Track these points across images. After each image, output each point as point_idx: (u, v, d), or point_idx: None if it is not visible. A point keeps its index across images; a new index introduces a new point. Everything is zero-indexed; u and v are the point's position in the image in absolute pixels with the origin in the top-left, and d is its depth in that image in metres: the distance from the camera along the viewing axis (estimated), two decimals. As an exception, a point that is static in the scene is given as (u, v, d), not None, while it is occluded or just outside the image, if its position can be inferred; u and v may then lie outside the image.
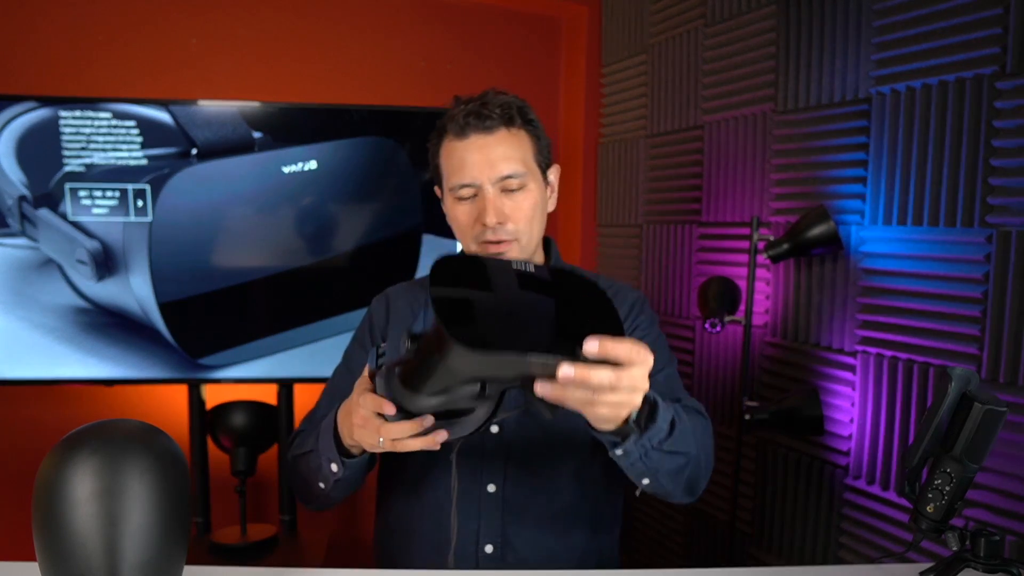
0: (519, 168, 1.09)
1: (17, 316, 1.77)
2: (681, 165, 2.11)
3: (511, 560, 1.11)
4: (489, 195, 1.08)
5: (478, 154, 1.08)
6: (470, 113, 1.08)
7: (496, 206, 1.08)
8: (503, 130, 1.09)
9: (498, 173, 1.08)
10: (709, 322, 1.73)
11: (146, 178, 1.74)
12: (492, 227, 1.07)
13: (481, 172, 1.08)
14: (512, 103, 1.10)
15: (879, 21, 1.50)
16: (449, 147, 1.11)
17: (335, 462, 1.00)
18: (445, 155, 1.12)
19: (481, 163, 1.07)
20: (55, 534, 0.72)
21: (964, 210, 1.35)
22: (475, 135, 1.08)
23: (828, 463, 1.65)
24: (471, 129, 1.08)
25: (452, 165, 1.10)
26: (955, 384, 0.98)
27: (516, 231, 1.10)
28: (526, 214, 1.10)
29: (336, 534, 2.38)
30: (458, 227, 1.14)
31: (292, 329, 1.88)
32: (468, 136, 1.08)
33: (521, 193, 1.10)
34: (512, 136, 1.10)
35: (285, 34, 2.16)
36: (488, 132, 1.08)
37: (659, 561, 2.25)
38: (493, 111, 1.08)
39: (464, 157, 1.08)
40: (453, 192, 1.11)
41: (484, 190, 1.08)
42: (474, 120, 1.07)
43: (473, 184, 1.08)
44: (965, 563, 0.99)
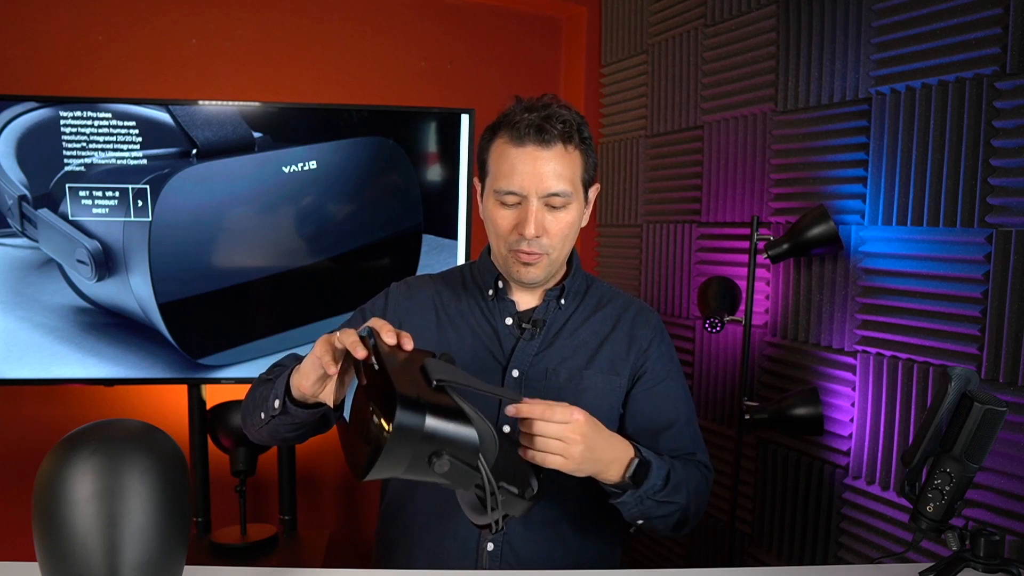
0: (567, 188, 1.09)
1: (17, 316, 1.77)
2: (681, 165, 2.11)
3: (510, 559, 1.12)
4: (533, 207, 1.08)
5: (531, 166, 1.07)
6: (532, 125, 1.07)
7: (538, 219, 1.08)
8: (560, 146, 1.08)
9: (547, 189, 1.08)
10: (709, 322, 1.73)
11: (146, 178, 1.74)
12: (530, 238, 1.09)
13: (531, 184, 1.08)
14: (573, 120, 1.10)
15: (879, 21, 1.50)
16: (503, 149, 1.10)
17: (279, 398, 1.02)
18: (497, 155, 1.12)
19: (532, 176, 1.07)
20: (55, 534, 0.72)
21: (964, 210, 1.35)
22: (532, 146, 1.07)
23: (828, 463, 1.65)
24: (529, 140, 1.07)
25: (502, 169, 1.10)
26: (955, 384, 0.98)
27: (549, 247, 1.11)
28: (562, 231, 1.11)
29: (336, 534, 2.39)
30: (494, 229, 1.14)
31: (292, 329, 1.88)
32: (525, 145, 1.08)
33: (563, 211, 1.11)
34: (567, 154, 1.09)
35: (285, 34, 2.16)
36: (545, 146, 1.07)
37: (659, 561, 2.25)
38: (555, 126, 1.07)
39: (516, 165, 1.08)
40: (498, 195, 1.11)
41: (529, 202, 1.08)
42: (535, 132, 1.07)
43: (520, 194, 1.09)
44: (965, 563, 0.99)
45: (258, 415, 1.08)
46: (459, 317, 1.20)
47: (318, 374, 0.94)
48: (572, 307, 1.21)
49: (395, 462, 0.75)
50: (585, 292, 1.24)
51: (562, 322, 1.19)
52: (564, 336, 1.18)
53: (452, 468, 0.76)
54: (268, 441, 1.14)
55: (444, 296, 1.23)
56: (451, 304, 1.21)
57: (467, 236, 1.93)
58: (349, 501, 2.43)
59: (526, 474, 0.92)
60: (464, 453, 0.77)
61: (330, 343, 0.91)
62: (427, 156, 1.90)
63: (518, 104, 1.11)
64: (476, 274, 1.24)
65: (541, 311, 1.19)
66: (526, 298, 1.20)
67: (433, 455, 0.75)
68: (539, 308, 1.19)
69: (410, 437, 0.74)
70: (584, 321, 1.20)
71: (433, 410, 0.76)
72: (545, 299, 1.19)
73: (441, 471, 0.76)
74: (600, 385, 1.16)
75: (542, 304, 1.19)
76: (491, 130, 1.14)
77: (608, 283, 1.31)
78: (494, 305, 1.19)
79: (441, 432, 0.75)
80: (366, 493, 2.43)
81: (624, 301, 1.26)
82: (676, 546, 2.17)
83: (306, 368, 0.96)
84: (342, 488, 2.42)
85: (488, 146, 1.14)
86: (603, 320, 1.21)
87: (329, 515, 2.42)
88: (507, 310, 1.19)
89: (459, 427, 0.77)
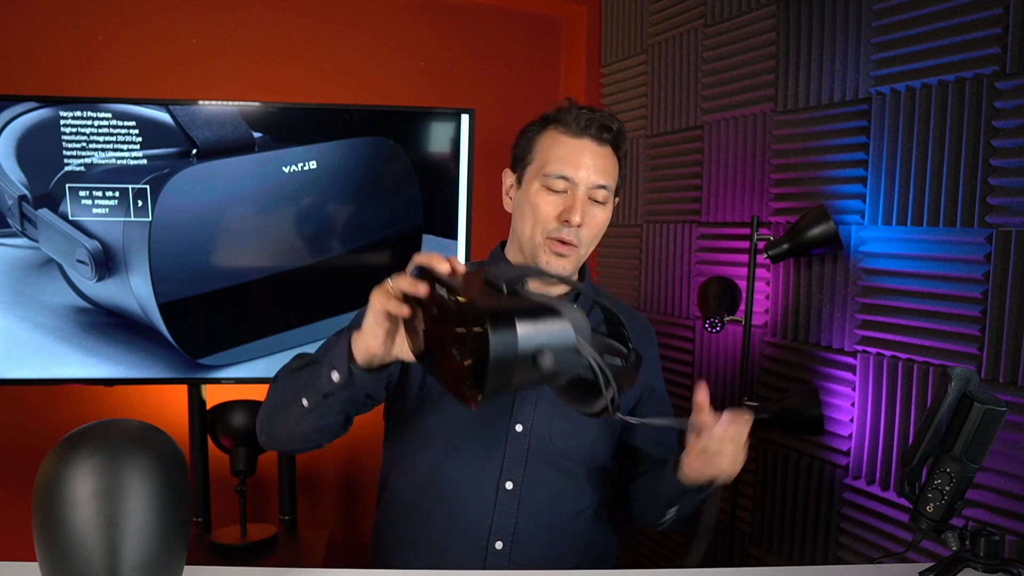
0: (611, 183, 1.16)
1: (17, 316, 1.77)
2: (681, 165, 2.11)
3: (518, 558, 1.12)
4: (580, 195, 1.13)
5: (588, 157, 1.13)
6: (594, 121, 1.14)
7: (584, 207, 1.12)
8: (610, 149, 1.16)
9: (595, 181, 1.13)
10: (709, 322, 1.73)
11: (146, 178, 1.74)
12: (575, 225, 1.12)
13: (587, 174, 1.13)
14: (623, 130, 1.18)
15: (879, 21, 1.50)
16: (556, 138, 1.15)
17: (339, 369, 0.95)
18: (548, 143, 1.15)
19: (587, 166, 1.13)
20: (55, 534, 0.72)
21: (964, 210, 1.35)
22: (588, 140, 1.14)
23: (828, 463, 1.65)
24: (587, 135, 1.14)
25: (555, 155, 1.14)
26: (955, 384, 0.98)
27: (584, 239, 1.14)
28: (598, 226, 1.16)
29: (336, 534, 2.39)
30: (535, 214, 1.14)
31: (292, 329, 1.88)
32: (582, 138, 1.14)
33: (601, 207, 1.16)
34: (612, 158, 1.17)
35: (285, 34, 2.16)
36: (601, 144, 1.15)
37: (659, 561, 2.25)
38: (613, 127, 1.15)
39: (570, 154, 1.13)
40: (547, 179, 1.13)
41: (577, 189, 1.13)
42: (596, 129, 1.13)
43: (571, 180, 1.13)
44: (965, 563, 0.99)
45: (298, 404, 1.00)
46: None
47: (385, 327, 0.90)
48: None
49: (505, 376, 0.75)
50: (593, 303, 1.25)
51: None
52: None
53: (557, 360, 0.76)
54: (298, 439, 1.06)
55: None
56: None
57: (467, 236, 1.93)
58: (349, 501, 2.43)
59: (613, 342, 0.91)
60: (563, 343, 0.77)
61: (386, 292, 0.88)
62: (427, 156, 1.90)
63: (573, 104, 1.17)
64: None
65: None
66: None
67: (536, 355, 0.75)
68: None
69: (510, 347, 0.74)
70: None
71: (520, 314, 0.75)
72: None
73: (548, 366, 0.75)
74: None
75: None
76: (541, 122, 1.18)
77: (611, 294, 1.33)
78: None
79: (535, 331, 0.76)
80: (366, 493, 2.43)
81: (630, 314, 1.29)
82: (676, 546, 2.17)
83: (370, 326, 0.90)
84: (342, 488, 2.42)
85: (536, 136, 1.17)
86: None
87: (329, 515, 2.41)
88: None
89: (549, 320, 0.77)
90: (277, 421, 1.06)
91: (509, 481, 1.12)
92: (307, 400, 0.99)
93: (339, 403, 0.98)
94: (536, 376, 0.77)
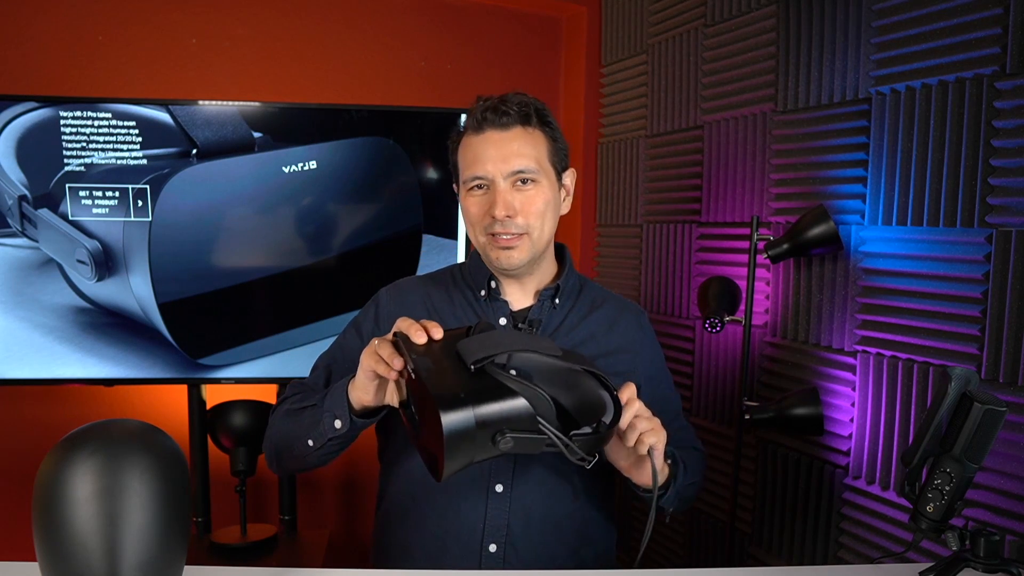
0: (531, 165, 1.11)
1: (17, 316, 1.77)
2: (681, 165, 2.11)
3: (513, 560, 1.12)
4: (500, 188, 1.10)
5: (492, 149, 1.10)
6: (488, 108, 1.10)
7: (506, 199, 1.10)
8: (519, 128, 1.11)
9: (510, 168, 1.10)
10: (709, 322, 1.73)
11: (146, 178, 1.74)
12: (500, 219, 1.10)
13: (494, 166, 1.10)
14: (531, 103, 1.13)
15: (879, 21, 1.50)
16: (466, 142, 1.14)
17: (341, 419, 1.02)
18: (462, 150, 1.15)
19: (495, 157, 1.10)
20: (55, 534, 0.72)
21: (964, 210, 1.35)
22: (491, 130, 1.10)
23: (828, 463, 1.65)
24: (488, 124, 1.10)
25: (467, 159, 1.13)
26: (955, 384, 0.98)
27: (526, 225, 1.12)
28: (537, 209, 1.12)
29: (336, 534, 2.39)
30: (468, 219, 1.16)
31: (292, 329, 1.88)
32: (484, 131, 1.11)
33: (533, 189, 1.12)
34: (528, 134, 1.12)
35: (285, 34, 2.16)
36: (504, 128, 1.10)
37: (659, 561, 2.25)
38: (511, 108, 1.10)
39: (479, 151, 1.11)
40: (467, 185, 1.13)
41: (496, 183, 1.10)
42: (491, 115, 1.10)
43: (485, 177, 1.11)
44: (965, 563, 0.99)
45: (303, 444, 1.08)
46: (451, 318, 1.19)
47: (376, 383, 0.97)
48: (567, 307, 1.21)
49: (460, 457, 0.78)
50: (579, 293, 1.24)
51: (558, 322, 1.19)
52: (560, 336, 1.18)
53: (517, 442, 0.79)
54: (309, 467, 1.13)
55: (435, 297, 1.22)
56: (443, 305, 1.20)
57: (467, 236, 1.93)
58: (349, 501, 2.43)
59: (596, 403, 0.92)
60: (522, 424, 0.79)
61: (374, 355, 0.94)
62: (427, 156, 1.90)
63: (478, 101, 1.14)
64: (467, 274, 1.23)
65: (536, 311, 1.18)
66: (519, 298, 1.20)
67: (496, 436, 0.77)
68: (534, 308, 1.19)
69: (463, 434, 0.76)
70: (580, 321, 1.20)
71: (476, 399, 0.78)
72: (540, 299, 1.19)
73: (507, 448, 0.78)
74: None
75: (537, 304, 1.19)
76: (456, 133, 1.18)
77: (599, 284, 1.31)
78: (487, 305, 1.19)
79: (491, 415, 0.78)
80: (366, 493, 2.43)
81: (618, 302, 1.27)
82: (676, 546, 2.17)
83: (361, 382, 0.98)
84: (342, 488, 2.42)
85: (456, 146, 1.17)
86: (598, 321, 1.21)
87: (329, 515, 2.42)
88: (501, 310, 1.18)
89: (508, 403, 0.79)
90: (284, 457, 1.14)
91: (499, 484, 1.12)
92: (312, 441, 1.07)
93: (343, 443, 1.08)
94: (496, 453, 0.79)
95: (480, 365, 0.83)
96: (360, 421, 1.03)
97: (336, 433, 1.04)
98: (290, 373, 1.88)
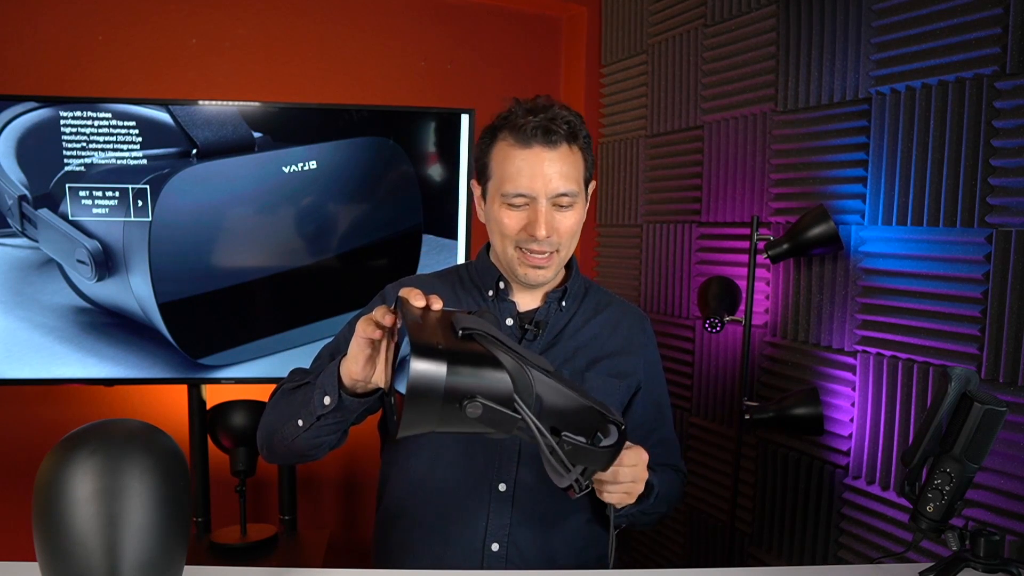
0: (574, 188, 1.10)
1: (17, 316, 1.77)
2: (681, 165, 2.11)
3: (515, 559, 1.12)
4: (542, 208, 1.09)
5: (539, 168, 1.08)
6: (539, 127, 1.07)
7: (548, 220, 1.09)
8: (565, 147, 1.09)
9: (556, 190, 1.08)
10: (709, 322, 1.73)
11: (146, 178, 1.74)
12: (542, 239, 1.09)
13: (540, 186, 1.08)
14: (575, 121, 1.11)
15: (879, 21, 1.50)
16: (507, 151, 1.10)
17: (330, 394, 0.99)
18: (501, 157, 1.11)
19: (541, 177, 1.08)
20: (55, 534, 0.72)
21: (964, 210, 1.35)
22: (539, 147, 1.08)
23: (828, 463, 1.65)
24: (536, 142, 1.08)
25: (509, 171, 1.10)
26: (955, 384, 0.98)
27: (558, 244, 1.12)
28: (570, 230, 1.12)
29: (336, 534, 2.38)
30: (500, 230, 1.13)
31: (292, 329, 1.88)
32: (531, 147, 1.08)
33: (570, 210, 1.12)
34: (572, 154, 1.11)
35: (285, 34, 2.16)
36: (552, 147, 1.08)
37: (659, 561, 2.25)
38: (560, 127, 1.08)
39: (523, 168, 1.08)
40: (506, 198, 1.10)
41: (538, 203, 1.09)
42: (542, 134, 1.07)
43: (529, 195, 1.09)
44: (965, 563, 0.99)
45: (293, 424, 1.04)
46: None
47: (366, 353, 0.93)
48: (572, 309, 1.21)
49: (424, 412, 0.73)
50: (584, 295, 1.24)
51: (563, 324, 1.19)
52: (565, 338, 1.18)
53: (487, 411, 0.74)
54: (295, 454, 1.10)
55: (442, 295, 1.22)
56: (449, 304, 1.20)
57: (467, 236, 1.93)
58: (349, 501, 2.43)
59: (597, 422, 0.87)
60: (497, 396, 0.75)
61: (367, 319, 0.92)
62: (427, 156, 1.90)
63: (518, 106, 1.11)
64: (474, 274, 1.23)
65: (543, 313, 1.19)
66: (526, 299, 1.20)
67: (465, 399, 0.73)
68: (541, 309, 1.19)
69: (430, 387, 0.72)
70: (585, 323, 1.20)
71: (453, 357, 0.74)
72: (546, 301, 1.19)
73: (474, 415, 0.73)
74: (601, 387, 1.17)
75: (544, 306, 1.19)
76: (491, 133, 1.13)
77: (604, 288, 1.31)
78: (494, 305, 1.19)
79: (465, 377, 0.74)
80: (366, 493, 2.43)
81: (621, 306, 1.27)
82: (676, 546, 2.17)
83: (353, 351, 0.94)
84: (342, 488, 2.42)
85: (489, 149, 1.13)
86: (603, 323, 1.22)
87: (329, 515, 2.42)
88: (508, 311, 1.19)
89: (487, 371, 0.75)
90: (275, 439, 1.10)
91: (502, 483, 1.12)
92: (302, 420, 1.03)
93: (332, 424, 1.03)
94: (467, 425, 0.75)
95: (469, 333, 0.79)
96: (348, 399, 0.99)
97: (324, 410, 1.00)
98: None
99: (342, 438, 1.11)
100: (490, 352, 0.77)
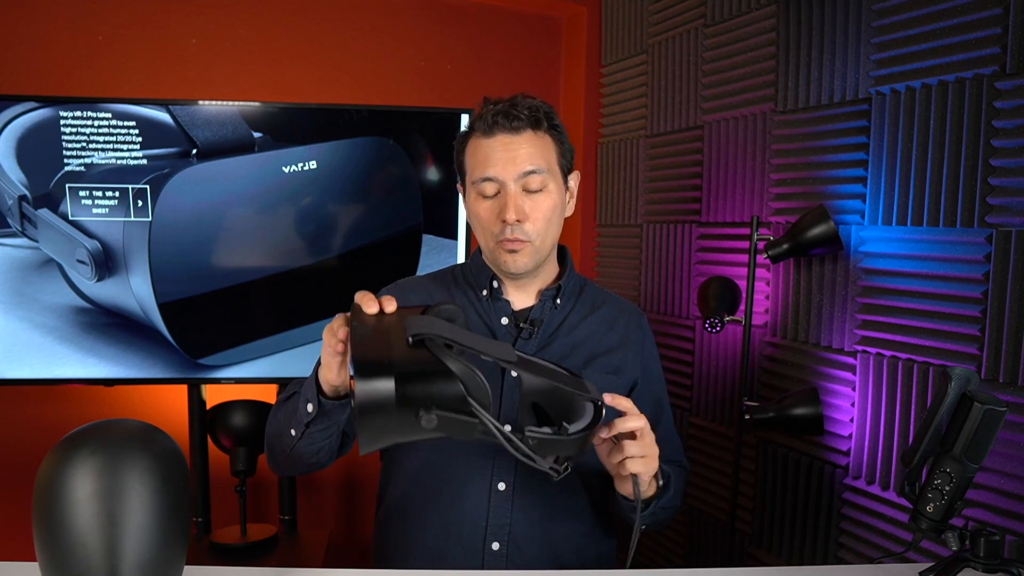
0: (541, 164, 1.11)
1: (17, 316, 1.77)
2: (681, 165, 2.11)
3: (516, 558, 1.12)
4: (511, 191, 1.10)
5: (503, 151, 1.10)
6: (499, 112, 1.10)
7: (516, 204, 1.10)
8: (529, 131, 1.11)
9: (520, 169, 1.10)
10: (709, 322, 1.73)
11: (146, 178, 1.74)
12: (511, 223, 1.10)
13: (505, 168, 1.10)
14: (540, 107, 1.13)
15: (879, 21, 1.50)
16: (475, 144, 1.13)
17: (311, 401, 1.02)
18: (471, 151, 1.14)
19: (505, 160, 1.10)
20: (55, 534, 0.72)
21: (964, 210, 1.35)
22: (502, 134, 1.10)
23: (828, 463, 1.65)
24: (498, 128, 1.10)
25: (476, 160, 1.13)
26: (955, 384, 0.98)
27: (532, 233, 1.12)
28: (544, 215, 1.12)
29: (336, 534, 2.39)
30: (479, 224, 1.15)
31: (292, 329, 1.88)
32: (495, 134, 1.11)
33: (541, 194, 1.12)
34: (537, 138, 1.12)
35: (285, 34, 2.16)
36: (515, 132, 1.10)
37: (659, 561, 2.25)
38: (521, 112, 1.10)
39: (489, 154, 1.11)
40: (475, 186, 1.13)
41: (507, 187, 1.10)
42: (502, 119, 1.10)
43: (496, 179, 1.11)
44: (965, 563, 0.99)
45: (288, 435, 1.07)
46: None
47: (337, 360, 0.95)
48: (568, 307, 1.21)
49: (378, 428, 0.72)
50: (580, 293, 1.24)
51: (559, 322, 1.19)
52: (561, 336, 1.18)
53: (443, 421, 0.73)
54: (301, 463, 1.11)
55: (436, 297, 1.22)
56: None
57: (467, 236, 1.93)
58: (349, 501, 2.43)
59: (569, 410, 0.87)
60: (451, 404, 0.74)
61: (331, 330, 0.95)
62: (427, 156, 1.90)
63: (486, 103, 1.14)
64: (468, 274, 1.24)
65: (538, 311, 1.19)
66: (521, 298, 1.20)
67: (420, 411, 0.72)
68: (535, 308, 1.19)
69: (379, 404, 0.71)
70: (581, 321, 1.20)
71: (401, 369, 0.73)
72: (541, 299, 1.19)
73: (430, 426, 0.72)
74: (598, 384, 1.16)
75: (538, 304, 1.19)
76: (464, 134, 1.17)
77: (599, 285, 1.31)
78: (489, 305, 1.19)
79: (415, 388, 0.72)
80: (366, 493, 2.43)
81: (617, 303, 1.27)
82: (676, 546, 2.17)
83: (325, 358, 0.97)
84: (342, 488, 2.42)
85: (463, 147, 1.17)
86: (599, 321, 1.22)
87: (329, 515, 2.42)
88: (502, 310, 1.19)
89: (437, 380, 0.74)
90: (277, 451, 1.13)
91: (501, 482, 1.12)
92: (294, 430, 1.06)
93: (321, 430, 1.05)
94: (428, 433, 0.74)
95: (419, 338, 0.77)
96: (328, 403, 1.00)
97: (309, 417, 1.02)
98: (290, 373, 1.88)
99: (345, 444, 1.12)
100: (439, 359, 0.75)
